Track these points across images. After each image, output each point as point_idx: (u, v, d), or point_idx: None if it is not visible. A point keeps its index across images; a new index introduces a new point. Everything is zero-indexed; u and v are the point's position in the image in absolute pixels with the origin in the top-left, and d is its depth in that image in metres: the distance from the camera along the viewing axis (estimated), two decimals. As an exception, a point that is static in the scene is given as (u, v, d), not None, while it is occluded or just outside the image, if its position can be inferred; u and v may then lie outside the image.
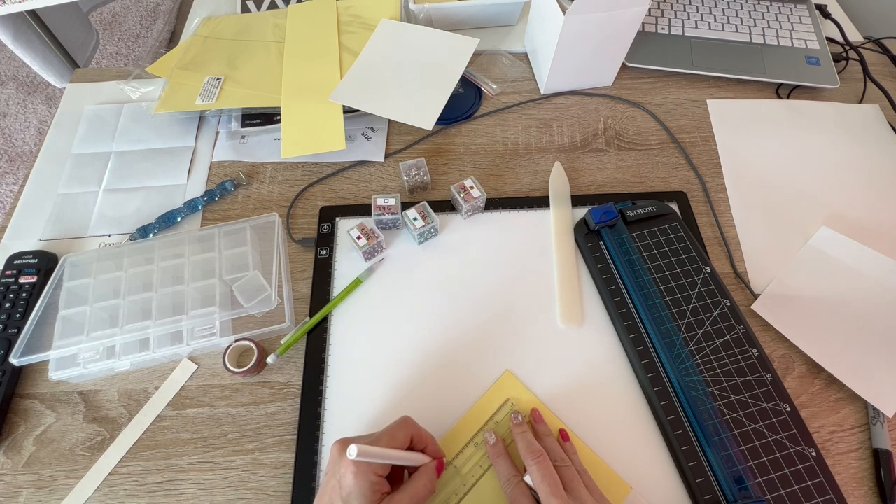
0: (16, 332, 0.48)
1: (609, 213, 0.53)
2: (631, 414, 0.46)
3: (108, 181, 0.60)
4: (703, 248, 0.55)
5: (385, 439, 0.37)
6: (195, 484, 0.44)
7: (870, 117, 0.66)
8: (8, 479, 0.44)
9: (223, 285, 0.50)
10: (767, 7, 0.74)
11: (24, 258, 0.53)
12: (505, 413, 0.46)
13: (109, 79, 0.69)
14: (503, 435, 0.44)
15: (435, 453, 0.40)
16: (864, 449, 0.45)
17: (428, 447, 0.40)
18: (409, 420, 0.40)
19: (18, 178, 1.46)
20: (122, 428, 0.46)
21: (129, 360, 0.47)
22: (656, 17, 0.73)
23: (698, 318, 0.49)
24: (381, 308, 0.51)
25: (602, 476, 0.43)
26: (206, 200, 0.58)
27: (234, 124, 0.63)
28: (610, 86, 0.69)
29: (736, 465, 0.42)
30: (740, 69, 0.68)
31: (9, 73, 1.67)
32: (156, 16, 1.80)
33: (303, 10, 0.72)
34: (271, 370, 0.49)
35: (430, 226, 0.53)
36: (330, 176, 0.61)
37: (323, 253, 0.54)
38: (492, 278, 0.53)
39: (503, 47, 0.72)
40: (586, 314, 0.51)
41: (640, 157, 0.62)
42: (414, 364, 0.48)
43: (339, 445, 0.36)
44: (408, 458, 0.37)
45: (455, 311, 0.51)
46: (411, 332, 0.50)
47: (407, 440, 0.38)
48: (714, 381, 0.46)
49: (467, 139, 0.64)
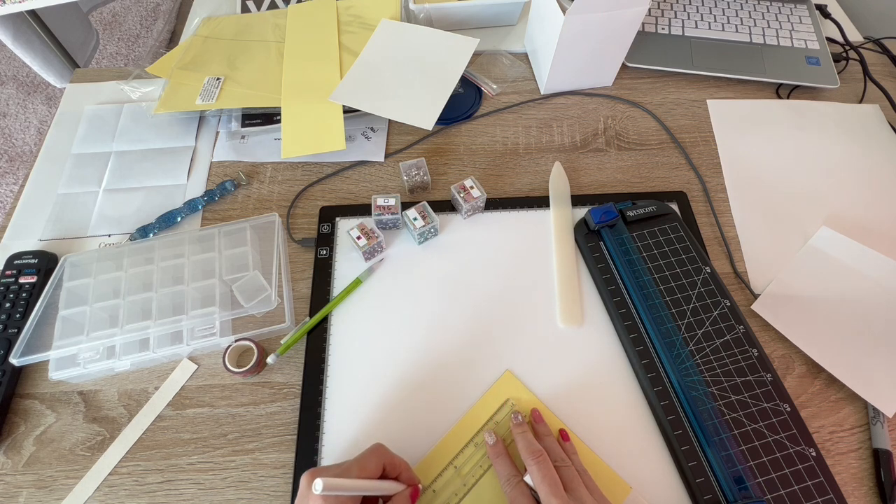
0: (16, 332, 0.48)
1: (609, 213, 0.53)
2: (631, 414, 0.46)
3: (108, 181, 0.60)
4: (703, 248, 0.55)
5: (355, 469, 0.35)
6: (195, 484, 0.44)
7: (870, 117, 0.66)
8: (8, 479, 0.44)
9: (223, 285, 0.50)
10: (767, 7, 0.74)
11: (24, 258, 0.53)
12: (505, 413, 0.46)
13: (109, 79, 0.69)
14: (503, 435, 0.44)
15: (409, 480, 0.39)
16: (864, 449, 0.45)
17: (402, 474, 0.39)
18: (381, 447, 0.38)
19: (18, 178, 1.46)
20: (122, 428, 0.46)
21: (129, 360, 0.47)
22: (656, 17, 0.73)
23: (698, 318, 0.49)
24: (381, 308, 0.51)
25: (602, 476, 0.43)
26: (206, 200, 0.58)
27: (234, 124, 0.63)
28: (610, 86, 0.69)
29: (736, 465, 0.42)
30: (740, 69, 0.68)
31: (9, 73, 1.68)
32: (156, 16, 1.80)
33: (303, 10, 0.72)
34: (271, 370, 0.49)
35: (430, 226, 0.53)
36: (330, 176, 0.61)
37: (323, 253, 0.54)
38: (492, 278, 0.53)
39: (503, 47, 0.72)
40: (586, 314, 0.51)
41: (640, 157, 0.62)
42: (414, 364, 0.48)
43: (307, 478, 0.34)
44: (379, 488, 0.36)
45: (455, 310, 0.51)
46: (411, 332, 0.50)
47: (379, 469, 0.37)
48: (714, 381, 0.46)
49: (467, 139, 0.64)
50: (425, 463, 0.44)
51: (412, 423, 0.46)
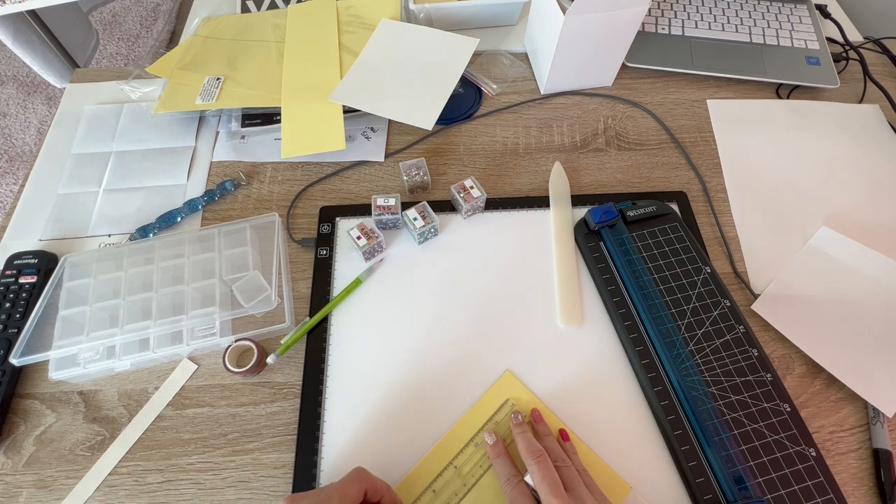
0: (16, 332, 0.48)
1: (609, 213, 0.53)
2: (631, 414, 0.46)
3: (108, 181, 0.60)
4: (703, 248, 0.55)
5: (336, 497, 0.35)
6: (195, 484, 0.44)
7: (870, 117, 0.66)
8: (8, 479, 0.44)
9: (223, 285, 0.50)
10: (767, 7, 0.74)
11: (24, 258, 0.53)
12: (505, 413, 0.46)
13: (109, 79, 0.69)
14: (503, 435, 0.44)
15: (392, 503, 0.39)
16: (864, 449, 0.45)
17: (384, 498, 0.38)
18: (363, 472, 0.38)
19: (18, 178, 1.46)
20: (122, 428, 0.46)
21: (129, 360, 0.47)
22: (656, 17, 0.73)
23: (698, 318, 0.49)
24: (381, 308, 0.51)
25: (602, 476, 0.43)
26: (206, 200, 0.58)
27: (234, 124, 0.63)
28: (610, 86, 0.69)
29: (736, 465, 0.42)
30: (740, 69, 0.68)
31: (9, 73, 1.68)
32: (156, 16, 1.80)
33: (303, 10, 0.72)
34: (271, 370, 0.49)
35: (430, 226, 0.53)
36: (330, 176, 0.61)
37: (323, 253, 0.54)
38: (492, 278, 0.53)
39: (503, 47, 0.72)
40: (586, 314, 0.51)
41: (640, 157, 0.62)
42: (414, 364, 0.48)
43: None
44: None
45: (455, 310, 0.51)
46: (411, 332, 0.50)
47: (360, 495, 0.37)
48: (714, 381, 0.46)
49: (467, 139, 0.64)
50: (425, 464, 0.44)
51: (412, 423, 0.46)
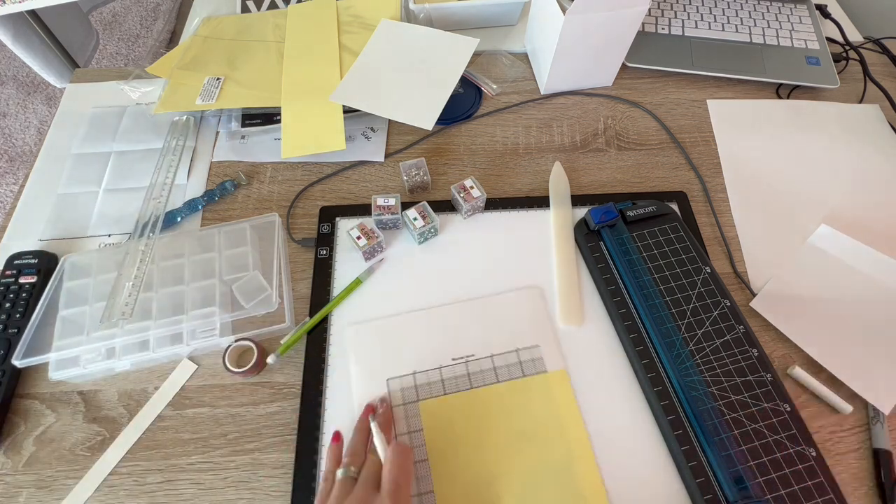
0: (16, 332, 0.48)
1: (609, 213, 0.53)
2: (631, 414, 0.46)
3: (108, 181, 0.60)
4: (703, 247, 0.55)
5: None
6: (195, 484, 0.44)
7: (870, 117, 0.66)
8: (8, 479, 0.44)
9: (223, 285, 0.50)
10: (767, 7, 0.74)
11: (24, 258, 0.53)
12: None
13: (109, 79, 0.69)
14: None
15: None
16: (864, 449, 0.45)
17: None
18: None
19: (18, 178, 1.46)
20: (122, 428, 0.46)
21: (130, 361, 0.47)
22: (656, 17, 0.73)
23: (698, 318, 0.49)
24: (381, 308, 0.51)
25: (581, 477, 0.43)
26: (206, 200, 0.58)
27: (234, 124, 0.63)
28: (610, 86, 0.69)
29: (736, 465, 0.42)
30: (740, 69, 0.68)
31: (9, 73, 1.67)
32: (156, 16, 1.80)
33: (303, 10, 0.72)
34: (271, 370, 0.49)
35: (430, 226, 0.53)
36: (330, 176, 0.61)
37: (323, 253, 0.54)
38: (492, 278, 0.53)
39: (503, 47, 0.72)
40: (586, 314, 0.51)
41: (640, 157, 0.62)
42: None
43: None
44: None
45: (454, 310, 0.51)
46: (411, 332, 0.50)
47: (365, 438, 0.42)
48: (714, 381, 0.46)
49: (467, 139, 0.64)
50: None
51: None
